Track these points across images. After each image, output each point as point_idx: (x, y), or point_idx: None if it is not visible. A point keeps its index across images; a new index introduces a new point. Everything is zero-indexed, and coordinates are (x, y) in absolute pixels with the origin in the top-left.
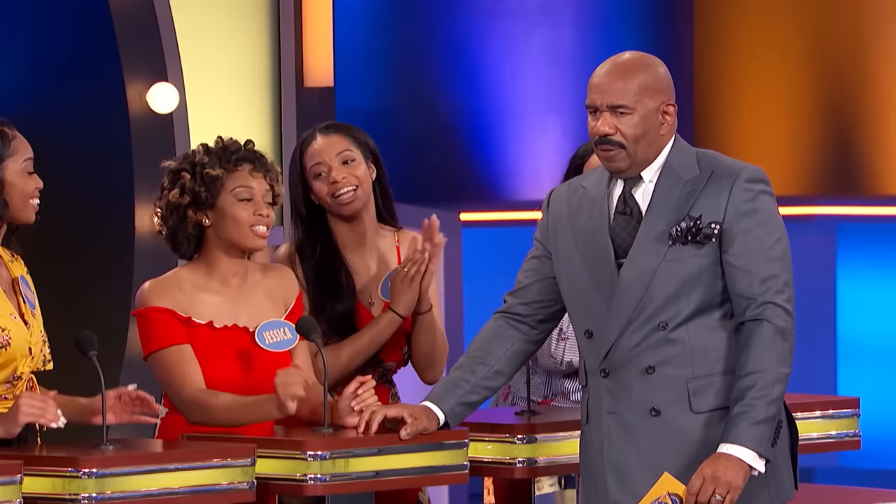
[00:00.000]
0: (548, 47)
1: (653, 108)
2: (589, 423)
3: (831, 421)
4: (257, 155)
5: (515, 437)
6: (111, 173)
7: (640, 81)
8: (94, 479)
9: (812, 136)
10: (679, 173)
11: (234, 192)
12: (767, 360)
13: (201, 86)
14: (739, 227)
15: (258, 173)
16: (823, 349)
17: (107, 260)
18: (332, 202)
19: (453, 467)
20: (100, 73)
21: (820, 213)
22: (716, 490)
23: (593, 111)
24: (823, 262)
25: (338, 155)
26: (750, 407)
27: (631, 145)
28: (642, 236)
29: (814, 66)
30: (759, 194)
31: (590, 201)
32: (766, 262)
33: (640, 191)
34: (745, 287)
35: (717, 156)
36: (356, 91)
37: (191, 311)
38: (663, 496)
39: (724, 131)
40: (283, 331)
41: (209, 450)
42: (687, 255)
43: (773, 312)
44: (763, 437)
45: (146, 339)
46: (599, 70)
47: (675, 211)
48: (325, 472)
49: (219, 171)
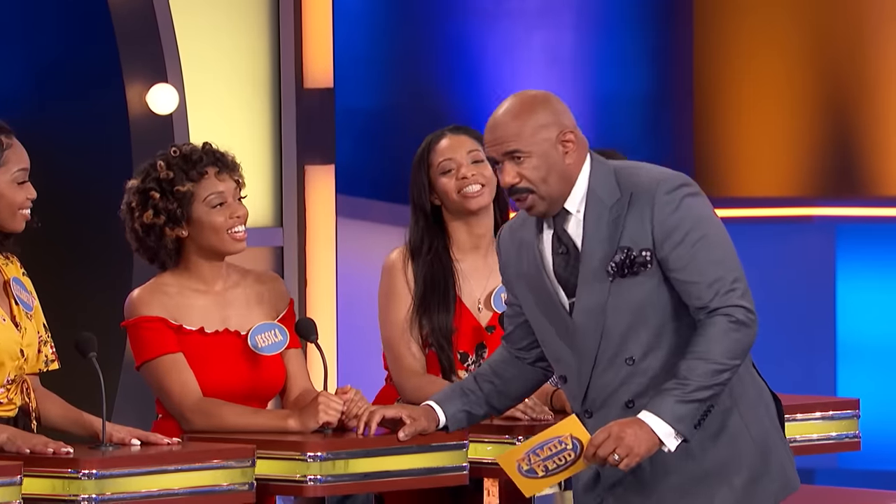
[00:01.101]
0: (547, 49)
1: (550, 144)
2: None
3: (831, 422)
4: (218, 156)
5: (516, 438)
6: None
7: (529, 122)
8: (93, 481)
9: (812, 137)
10: (603, 199)
11: (206, 200)
12: (716, 350)
13: (201, 87)
14: (671, 242)
15: (224, 175)
16: (823, 350)
17: (106, 262)
18: (458, 197)
19: (453, 468)
20: (99, 74)
21: (819, 214)
22: (616, 449)
23: (494, 164)
24: (823, 264)
25: (468, 153)
26: (683, 386)
27: (540, 187)
28: (583, 277)
29: (813, 67)
30: (681, 201)
31: (527, 247)
32: (708, 266)
33: (570, 225)
34: (696, 298)
35: (635, 170)
36: (356, 92)
37: (181, 318)
38: (565, 436)
39: (724, 132)
40: (275, 333)
41: (209, 451)
42: (629, 286)
43: (730, 311)
44: (686, 415)
45: (138, 348)
46: (488, 124)
47: (606, 242)
48: (325, 472)
49: (188, 185)
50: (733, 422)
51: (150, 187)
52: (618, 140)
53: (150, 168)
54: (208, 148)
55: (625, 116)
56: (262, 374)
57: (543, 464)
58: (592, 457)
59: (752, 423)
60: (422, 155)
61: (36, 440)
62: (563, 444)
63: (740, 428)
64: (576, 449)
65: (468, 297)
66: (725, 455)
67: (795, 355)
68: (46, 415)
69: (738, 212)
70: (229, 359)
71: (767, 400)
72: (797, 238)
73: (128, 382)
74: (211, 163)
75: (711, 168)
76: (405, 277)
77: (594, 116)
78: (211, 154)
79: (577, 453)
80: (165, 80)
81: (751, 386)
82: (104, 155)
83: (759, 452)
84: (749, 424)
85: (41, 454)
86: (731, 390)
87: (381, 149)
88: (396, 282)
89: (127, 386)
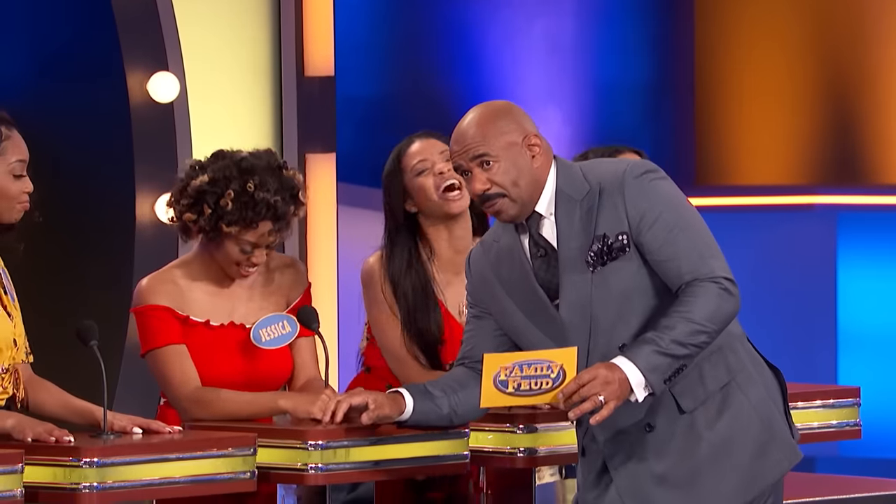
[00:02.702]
0: (548, 37)
1: (517, 148)
2: (586, 455)
3: (832, 410)
4: (281, 213)
5: (516, 426)
6: (111, 163)
7: (494, 127)
8: (95, 469)
9: (813, 125)
10: (571, 195)
11: (239, 241)
12: (699, 311)
13: (202, 75)
14: (645, 223)
15: (273, 229)
16: (824, 339)
17: (107, 250)
18: (439, 198)
19: (454, 457)
20: (100, 62)
21: (820, 202)
22: (602, 391)
23: (463, 174)
24: (824, 252)
25: (440, 153)
26: (660, 339)
27: (511, 190)
28: (564, 271)
29: (814, 55)
30: (650, 184)
31: (507, 253)
32: (687, 243)
33: (545, 227)
34: (677, 275)
35: (600, 164)
36: (357, 80)
37: (188, 310)
38: (556, 364)
39: (725, 120)
40: (283, 324)
41: (210, 439)
42: (611, 273)
43: (717, 279)
44: (660, 366)
45: (144, 336)
46: (454, 136)
47: (581, 234)
48: (326, 461)
49: (233, 229)
50: (733, 396)
51: (206, 199)
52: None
53: (222, 179)
54: (276, 201)
55: (626, 105)
56: (262, 368)
57: (519, 381)
58: (571, 394)
59: (751, 394)
60: (393, 163)
61: (41, 428)
62: (550, 370)
63: (741, 401)
64: (556, 381)
65: (451, 305)
66: (730, 431)
67: (796, 343)
68: (43, 404)
69: (738, 200)
70: (231, 352)
71: (767, 377)
72: (798, 226)
73: (129, 371)
74: (269, 217)
75: (712, 156)
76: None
77: (595, 105)
78: (273, 210)
79: (554, 385)
80: (166, 69)
81: (748, 362)
82: (105, 143)
83: (762, 423)
84: (749, 395)
85: (44, 442)
86: (728, 366)
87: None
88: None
89: (128, 374)
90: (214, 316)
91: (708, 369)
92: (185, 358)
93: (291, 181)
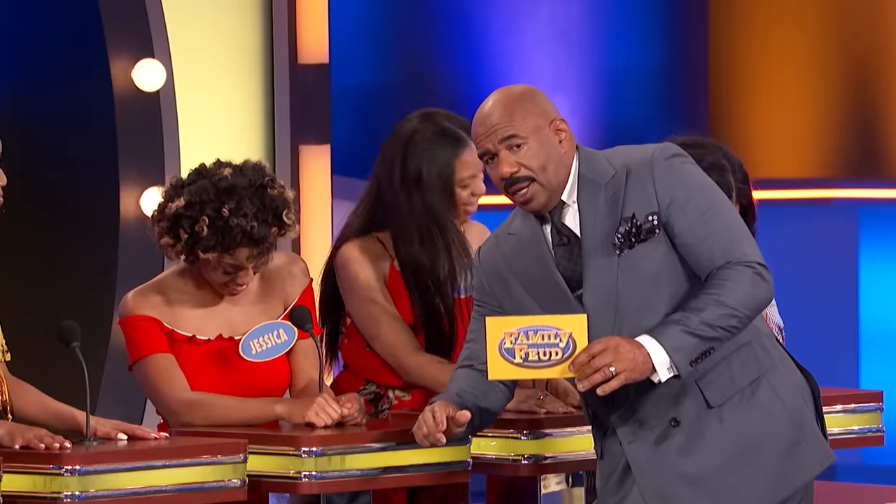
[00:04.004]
0: (555, 21)
1: (544, 131)
2: (604, 458)
3: (853, 415)
4: (258, 238)
5: (521, 432)
6: (94, 156)
7: (522, 109)
8: (76, 477)
9: (833, 114)
10: (595, 180)
11: (220, 265)
12: (732, 295)
13: (189, 62)
14: (676, 205)
15: (252, 255)
16: (845, 339)
17: (89, 247)
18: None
19: (455, 464)
20: (81, 48)
21: (840, 196)
22: (613, 362)
23: (489, 159)
24: (845, 249)
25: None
26: (689, 319)
27: (540, 175)
28: (588, 257)
29: (835, 39)
30: (680, 166)
31: (526, 245)
32: (720, 227)
33: (569, 216)
34: (708, 259)
35: (624, 149)
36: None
37: (175, 324)
38: (564, 333)
39: (740, 109)
40: (277, 333)
41: (198, 446)
42: (639, 257)
43: (752, 264)
44: (686, 347)
45: (131, 347)
46: (477, 118)
47: (607, 218)
48: (320, 469)
49: (211, 255)
50: (762, 391)
51: (182, 225)
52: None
53: (197, 203)
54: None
55: (635, 93)
56: (252, 382)
57: (527, 350)
58: (582, 365)
59: (781, 392)
60: (448, 157)
61: (31, 434)
62: (559, 339)
63: (770, 396)
64: (566, 351)
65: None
66: (760, 428)
67: (815, 345)
68: (22, 407)
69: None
70: (219, 368)
71: (797, 378)
72: (817, 222)
73: (113, 374)
74: (246, 243)
75: None
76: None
77: (603, 93)
78: (249, 237)
79: (564, 356)
80: (152, 56)
81: (779, 361)
82: (87, 135)
83: (793, 422)
84: (778, 391)
85: (33, 449)
86: (758, 361)
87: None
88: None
89: (112, 378)
90: (202, 330)
91: (737, 363)
92: (174, 366)
93: (276, 201)
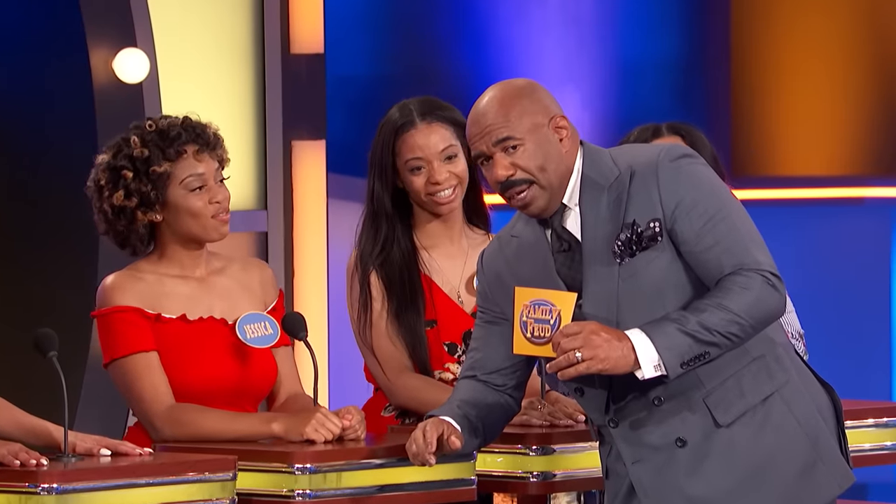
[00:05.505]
0: (565, 8)
1: (543, 130)
2: (609, 478)
3: (886, 430)
4: (199, 132)
5: (529, 447)
6: (73, 150)
7: (518, 107)
8: (54, 496)
9: (864, 109)
10: (598, 181)
11: (183, 183)
12: (737, 301)
13: (174, 52)
14: (681, 209)
15: (204, 154)
16: (878, 348)
17: (69, 248)
18: (427, 198)
19: (459, 482)
20: (59, 37)
21: (872, 195)
22: (582, 348)
23: (484, 161)
24: (877, 251)
25: (441, 152)
26: (686, 318)
27: (539, 176)
28: (588, 264)
29: (866, 28)
30: (687, 168)
31: (528, 249)
32: (731, 233)
33: (569, 219)
34: (716, 267)
35: (632, 148)
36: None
37: (159, 307)
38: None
39: (764, 103)
40: (265, 325)
41: (185, 462)
42: (641, 266)
43: (764, 273)
44: (679, 346)
45: (108, 343)
46: (471, 117)
47: (608, 222)
48: (315, 487)
49: (164, 165)
50: (776, 408)
51: (122, 165)
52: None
53: (122, 143)
54: (188, 123)
55: (652, 85)
56: (252, 369)
57: (533, 325)
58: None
59: (797, 408)
60: (384, 143)
61: (4, 449)
62: (550, 315)
63: (784, 413)
64: (553, 328)
65: (446, 285)
66: (773, 447)
67: (845, 354)
68: None
69: (779, 193)
70: (216, 349)
71: (816, 392)
72: (847, 223)
73: (92, 385)
74: (191, 140)
75: (750, 144)
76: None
77: (617, 84)
78: (191, 130)
79: (552, 333)
80: (134, 45)
81: (795, 374)
82: (66, 129)
83: (809, 440)
84: (793, 407)
85: (7, 465)
86: (771, 376)
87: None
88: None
89: (91, 389)
90: (191, 310)
91: (748, 379)
92: (157, 369)
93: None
